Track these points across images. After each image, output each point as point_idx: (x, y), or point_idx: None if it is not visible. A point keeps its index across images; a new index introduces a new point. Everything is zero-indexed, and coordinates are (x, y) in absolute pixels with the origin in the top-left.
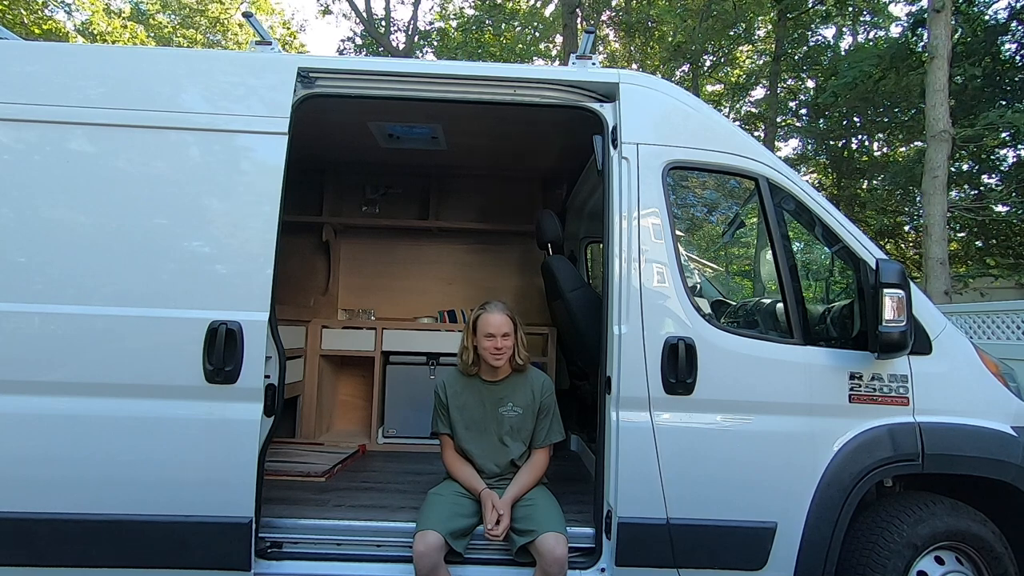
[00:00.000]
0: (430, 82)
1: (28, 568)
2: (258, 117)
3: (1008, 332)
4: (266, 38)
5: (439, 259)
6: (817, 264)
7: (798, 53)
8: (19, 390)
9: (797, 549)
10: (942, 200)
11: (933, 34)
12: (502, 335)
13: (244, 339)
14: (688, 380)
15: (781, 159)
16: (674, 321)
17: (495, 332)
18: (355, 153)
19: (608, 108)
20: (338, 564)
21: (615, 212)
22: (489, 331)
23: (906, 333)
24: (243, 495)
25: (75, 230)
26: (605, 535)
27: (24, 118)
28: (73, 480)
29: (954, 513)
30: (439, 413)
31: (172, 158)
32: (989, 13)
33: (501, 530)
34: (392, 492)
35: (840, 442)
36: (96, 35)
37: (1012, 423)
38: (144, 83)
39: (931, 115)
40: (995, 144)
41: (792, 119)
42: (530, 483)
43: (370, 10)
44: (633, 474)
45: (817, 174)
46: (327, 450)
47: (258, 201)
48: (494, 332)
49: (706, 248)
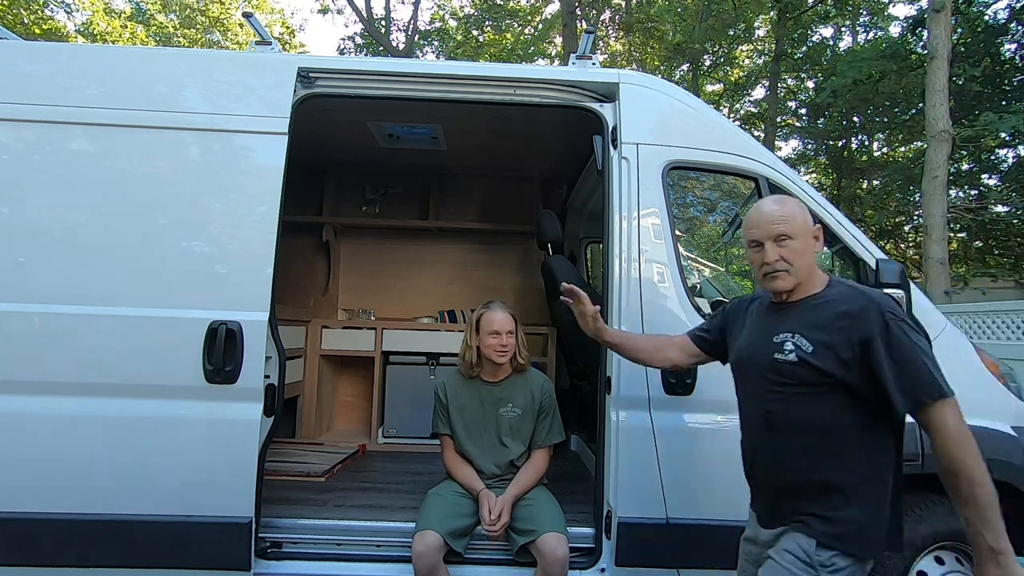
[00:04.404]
0: (430, 82)
1: (28, 568)
2: (258, 117)
3: (1008, 332)
4: (266, 38)
5: (439, 259)
6: (817, 264)
7: (798, 53)
8: (19, 390)
9: None
10: (942, 200)
11: (933, 34)
12: (507, 332)
13: (244, 339)
14: (688, 380)
15: (781, 159)
16: (674, 321)
17: (500, 329)
18: (355, 153)
19: (608, 108)
20: (338, 564)
21: (615, 212)
22: (494, 328)
23: None
24: (243, 495)
25: (75, 230)
26: (605, 535)
27: (24, 118)
28: (73, 480)
29: (954, 513)
30: (439, 414)
31: (172, 158)
32: (989, 13)
33: (500, 526)
34: (392, 492)
35: None
36: (96, 35)
37: (1012, 423)
38: (144, 83)
39: (931, 115)
40: (995, 144)
41: (792, 119)
42: (530, 483)
43: (370, 10)
44: (633, 474)
45: (817, 174)
46: (327, 450)
47: (258, 201)
48: (499, 329)
49: (706, 248)
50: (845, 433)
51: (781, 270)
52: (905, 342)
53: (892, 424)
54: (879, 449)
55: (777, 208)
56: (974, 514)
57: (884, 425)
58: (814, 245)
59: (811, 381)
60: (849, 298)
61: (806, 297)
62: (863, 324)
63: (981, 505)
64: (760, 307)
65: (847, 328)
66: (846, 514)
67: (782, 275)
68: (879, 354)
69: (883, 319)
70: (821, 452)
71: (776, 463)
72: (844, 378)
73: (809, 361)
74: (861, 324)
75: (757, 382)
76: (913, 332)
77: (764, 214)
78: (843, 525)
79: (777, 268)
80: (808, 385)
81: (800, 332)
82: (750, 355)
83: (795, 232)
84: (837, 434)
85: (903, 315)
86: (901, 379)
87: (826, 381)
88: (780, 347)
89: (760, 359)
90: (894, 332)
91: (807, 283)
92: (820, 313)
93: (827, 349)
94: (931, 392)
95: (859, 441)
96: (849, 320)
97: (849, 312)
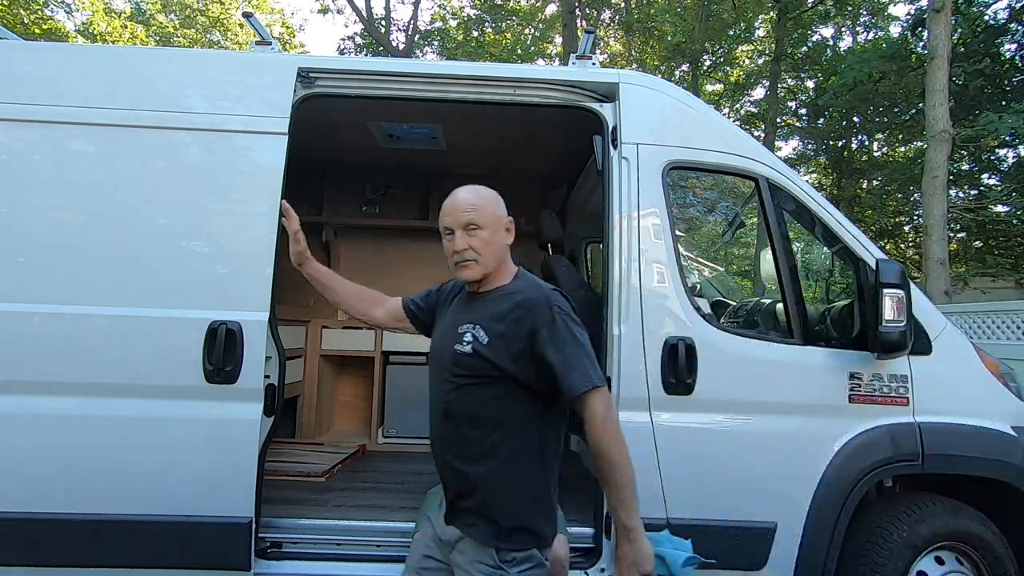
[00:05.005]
0: (430, 82)
1: (28, 568)
2: (258, 117)
3: (1008, 332)
4: (266, 38)
5: (439, 259)
6: (817, 264)
7: (798, 53)
8: (19, 390)
9: (797, 549)
10: (942, 200)
11: (933, 34)
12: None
13: (244, 339)
14: (688, 380)
15: (781, 159)
16: (674, 321)
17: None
18: (355, 153)
19: (608, 108)
20: (338, 564)
21: (615, 212)
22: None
23: (906, 333)
24: (243, 495)
25: (75, 230)
26: (605, 535)
27: (24, 118)
28: (73, 480)
29: (954, 513)
30: None
31: (172, 158)
32: (989, 13)
33: None
34: (392, 492)
35: (840, 442)
36: (96, 35)
37: (1012, 423)
38: (144, 83)
39: (931, 115)
40: (995, 144)
41: (792, 119)
42: None
43: (370, 10)
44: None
45: (817, 174)
46: (327, 450)
47: (258, 201)
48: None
49: (706, 248)
50: (516, 426)
51: (470, 259)
52: (567, 335)
53: (559, 416)
54: (549, 441)
55: (470, 197)
56: (613, 494)
57: (552, 418)
58: (505, 237)
59: (484, 373)
60: (526, 291)
61: (494, 288)
62: (534, 316)
63: (618, 486)
64: (461, 296)
65: (520, 320)
66: (516, 509)
67: (471, 264)
68: (544, 346)
69: (550, 312)
70: (493, 444)
71: (453, 455)
72: (514, 372)
73: (482, 353)
74: (532, 316)
75: (441, 372)
76: (575, 327)
77: (457, 202)
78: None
79: (466, 257)
80: (481, 377)
81: (481, 323)
82: (439, 345)
83: (485, 222)
84: (508, 427)
85: (568, 310)
86: (562, 369)
87: (497, 374)
88: (460, 338)
89: (446, 349)
90: (558, 325)
91: (497, 274)
92: (502, 304)
93: (501, 340)
94: (585, 382)
95: (529, 434)
96: (523, 312)
97: (524, 303)
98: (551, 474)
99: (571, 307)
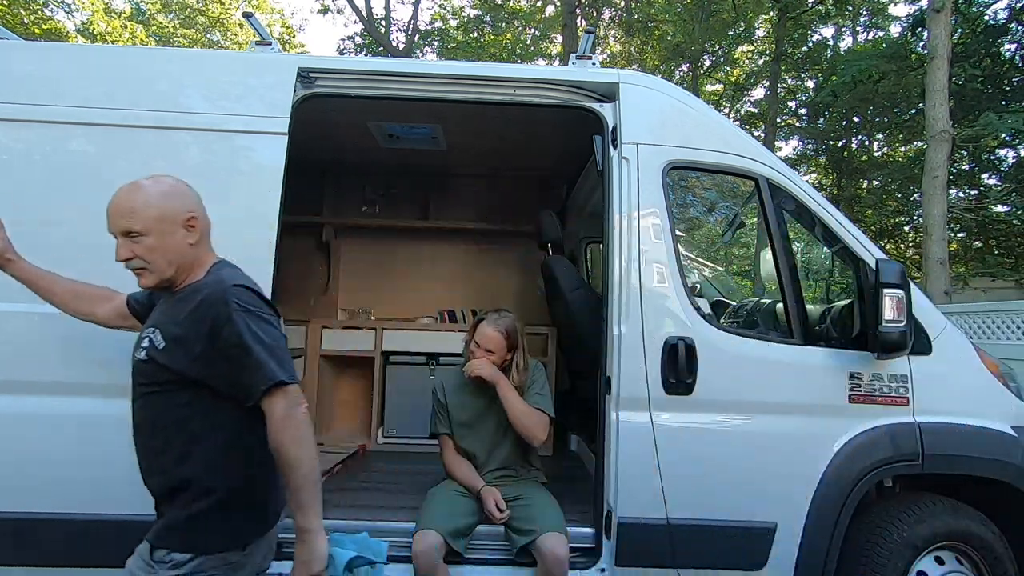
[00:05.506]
0: (430, 82)
1: (28, 568)
2: (258, 117)
3: (1008, 332)
4: (266, 38)
5: (439, 259)
6: (817, 264)
7: (798, 53)
8: (19, 390)
9: (797, 549)
10: (942, 200)
11: (933, 34)
12: (484, 350)
13: None
14: (688, 380)
15: (781, 159)
16: (674, 321)
17: (481, 343)
18: (355, 153)
19: (608, 108)
20: None
21: (615, 212)
22: (478, 340)
23: (906, 333)
24: None
25: (75, 230)
26: (605, 535)
27: (24, 118)
28: (74, 480)
29: (954, 513)
30: (438, 413)
31: (172, 158)
32: (989, 13)
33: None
34: (392, 492)
35: (840, 442)
36: (96, 35)
37: (1012, 423)
38: (144, 83)
39: (931, 115)
40: (995, 144)
41: (792, 119)
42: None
43: (370, 10)
44: (633, 474)
45: (817, 174)
46: (327, 450)
47: (258, 201)
48: (480, 343)
49: (706, 248)
50: (196, 430)
51: (138, 268)
52: (244, 332)
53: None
54: (233, 442)
55: (125, 200)
56: (292, 495)
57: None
58: (185, 236)
59: (161, 379)
60: (208, 287)
61: (185, 287)
62: (211, 314)
63: (295, 487)
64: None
65: (199, 319)
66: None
67: (143, 272)
68: (224, 345)
69: (228, 309)
70: (175, 452)
71: (145, 467)
72: (197, 376)
73: (156, 359)
74: (210, 314)
75: (133, 381)
76: (258, 322)
77: (112, 205)
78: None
79: (133, 266)
80: (159, 384)
81: (160, 327)
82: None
83: (147, 227)
84: (187, 433)
85: (251, 304)
86: (239, 371)
87: (174, 379)
88: (139, 344)
89: (133, 357)
90: (236, 322)
91: (188, 273)
92: (184, 305)
93: (179, 344)
94: (262, 382)
95: (210, 437)
96: (204, 311)
97: (204, 301)
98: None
99: (259, 299)
